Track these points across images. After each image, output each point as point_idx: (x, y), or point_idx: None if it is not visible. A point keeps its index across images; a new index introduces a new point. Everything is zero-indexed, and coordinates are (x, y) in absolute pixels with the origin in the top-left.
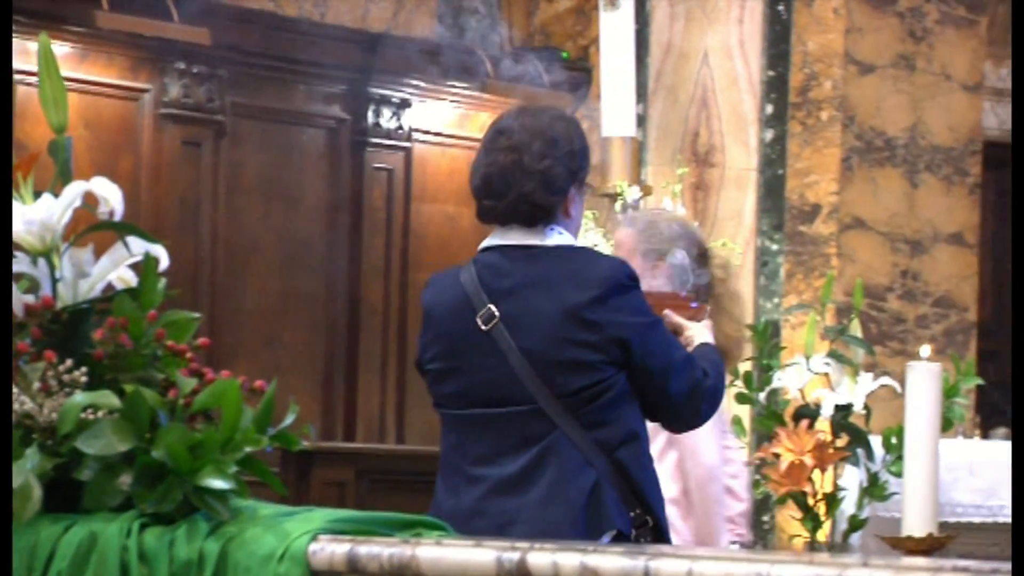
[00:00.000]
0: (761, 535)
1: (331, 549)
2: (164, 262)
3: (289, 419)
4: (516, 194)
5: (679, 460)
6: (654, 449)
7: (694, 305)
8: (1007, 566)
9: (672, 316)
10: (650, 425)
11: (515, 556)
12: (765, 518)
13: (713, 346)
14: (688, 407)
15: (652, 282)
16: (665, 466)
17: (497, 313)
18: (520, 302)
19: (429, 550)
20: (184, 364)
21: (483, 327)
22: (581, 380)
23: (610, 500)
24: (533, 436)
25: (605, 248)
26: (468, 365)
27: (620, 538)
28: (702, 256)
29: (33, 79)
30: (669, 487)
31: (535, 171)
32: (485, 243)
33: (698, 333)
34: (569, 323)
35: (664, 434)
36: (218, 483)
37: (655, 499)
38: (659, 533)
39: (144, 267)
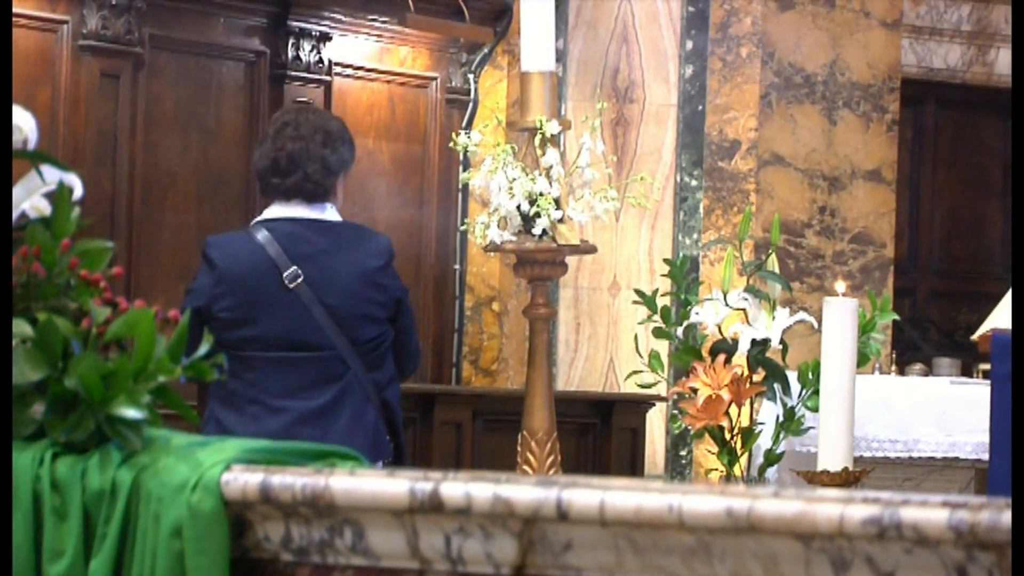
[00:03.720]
0: (678, 469)
1: (244, 479)
2: (78, 191)
3: (203, 350)
4: (302, 174)
5: None
6: None
7: None
8: (918, 497)
9: None
10: None
11: (428, 486)
12: (682, 452)
13: None
14: (412, 362)
15: None
16: None
17: (301, 274)
18: (321, 265)
19: (342, 480)
20: (98, 293)
21: (289, 285)
22: (371, 331)
23: (382, 430)
24: (334, 376)
25: (524, 181)
26: (268, 316)
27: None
28: None
29: None
30: None
31: (318, 156)
32: (269, 215)
33: None
34: (364, 284)
35: None
36: (131, 412)
37: (401, 431)
38: (400, 458)
39: (57, 196)
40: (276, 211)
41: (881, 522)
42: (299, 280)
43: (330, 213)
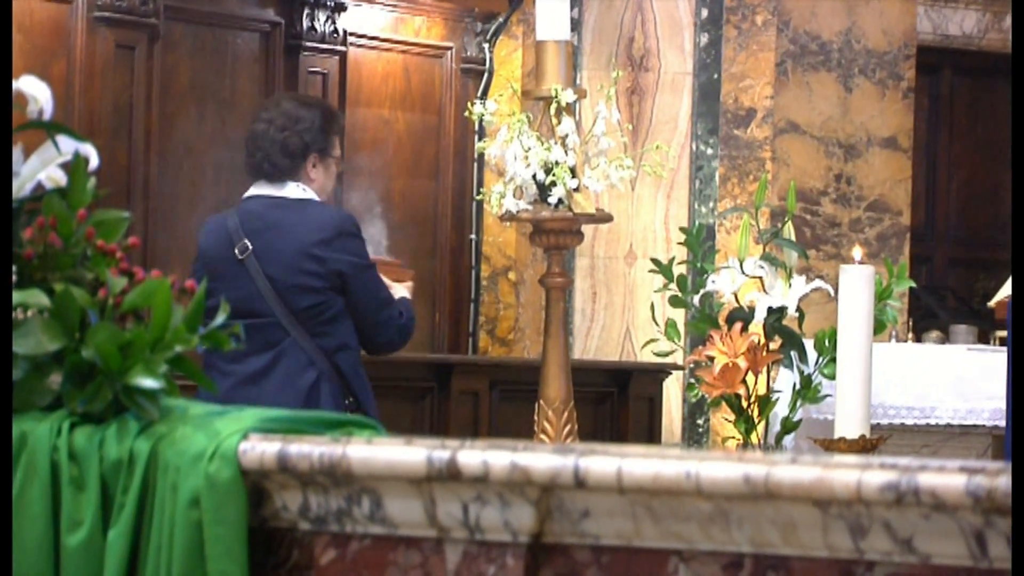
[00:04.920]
0: (695, 438)
1: (261, 448)
2: (94, 161)
3: (220, 319)
4: (262, 155)
5: None
6: None
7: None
8: (935, 463)
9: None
10: None
11: (445, 455)
12: (699, 421)
13: (407, 299)
14: (383, 335)
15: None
16: None
17: (250, 247)
18: (267, 239)
19: (359, 449)
20: (114, 264)
21: (239, 256)
22: (307, 300)
23: (327, 391)
24: (272, 342)
25: (539, 151)
26: (224, 287)
27: None
28: None
29: None
30: None
31: (276, 139)
32: (247, 194)
33: (398, 290)
34: (301, 257)
35: None
36: (148, 382)
37: (363, 394)
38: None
39: (73, 166)
40: (250, 190)
41: (899, 488)
42: (247, 253)
43: (291, 191)
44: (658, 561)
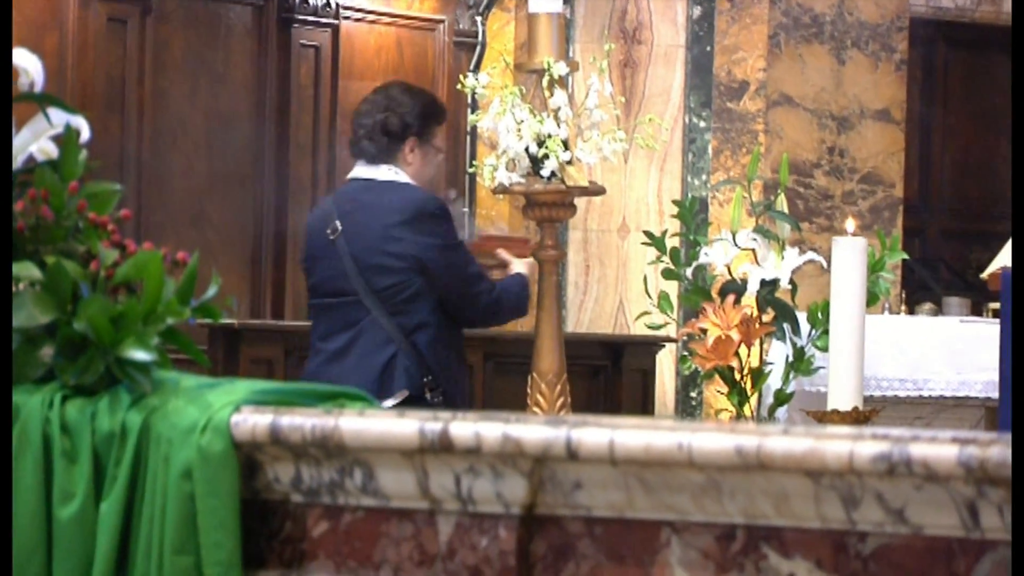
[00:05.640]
0: (689, 410)
1: (253, 420)
2: (85, 134)
3: (212, 291)
4: (363, 133)
5: None
6: None
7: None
8: (927, 434)
9: (502, 253)
10: None
11: (437, 427)
12: (692, 393)
13: (522, 274)
14: (472, 310)
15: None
16: None
17: (340, 227)
18: (355, 220)
19: (352, 421)
20: (106, 236)
21: (331, 237)
22: (387, 279)
23: (402, 369)
24: (354, 320)
25: (532, 123)
26: (320, 266)
27: (409, 399)
28: None
29: None
30: None
31: (377, 119)
32: (348, 176)
33: (517, 265)
34: (382, 238)
35: None
36: (140, 355)
37: (442, 372)
38: (449, 398)
39: (65, 138)
40: (351, 172)
41: (891, 458)
42: (337, 233)
43: (383, 173)
44: (650, 532)
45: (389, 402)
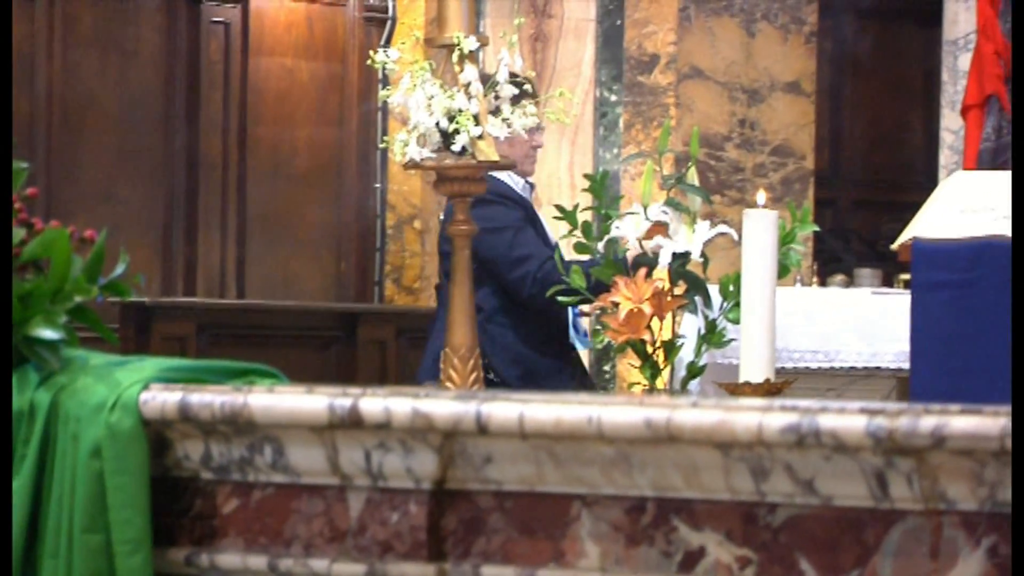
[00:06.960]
0: (602, 384)
1: (163, 398)
2: None
3: (120, 269)
4: None
5: None
6: None
7: None
8: (836, 405)
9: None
10: None
11: (347, 402)
12: (606, 367)
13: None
14: (522, 291)
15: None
16: None
17: (442, 216)
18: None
19: (261, 397)
20: (13, 215)
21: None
22: (447, 264)
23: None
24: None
25: (442, 99)
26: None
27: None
28: None
29: None
30: None
31: None
32: None
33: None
34: (446, 223)
35: None
36: (48, 333)
37: (494, 356)
38: (505, 383)
39: None
40: None
41: (800, 430)
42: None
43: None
44: (561, 506)
45: None
